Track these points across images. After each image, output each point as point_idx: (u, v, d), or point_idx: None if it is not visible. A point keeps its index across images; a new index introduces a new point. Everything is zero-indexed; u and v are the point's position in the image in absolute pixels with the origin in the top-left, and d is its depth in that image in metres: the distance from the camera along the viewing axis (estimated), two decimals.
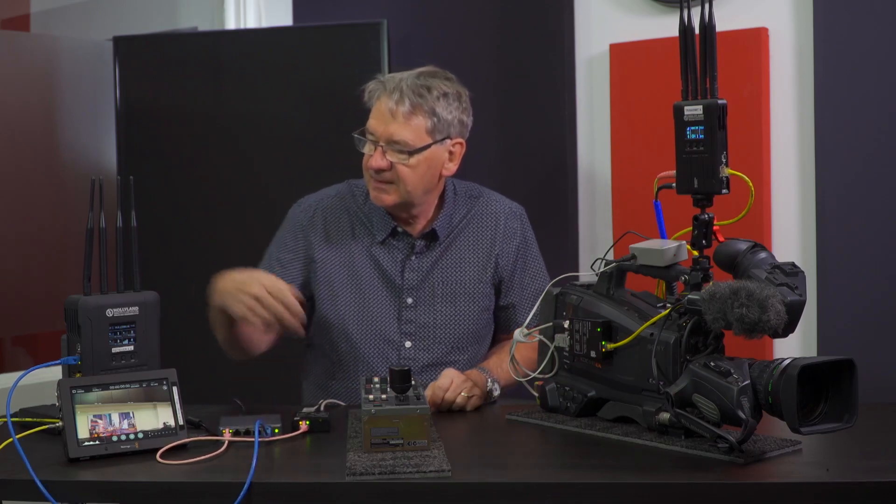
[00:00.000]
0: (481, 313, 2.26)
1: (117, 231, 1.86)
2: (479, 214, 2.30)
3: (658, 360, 1.70)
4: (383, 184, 2.16)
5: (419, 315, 2.21)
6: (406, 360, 2.19)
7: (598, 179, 2.96)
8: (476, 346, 2.27)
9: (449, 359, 2.21)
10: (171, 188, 3.18)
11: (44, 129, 3.65)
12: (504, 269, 2.28)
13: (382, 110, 2.14)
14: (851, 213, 2.59)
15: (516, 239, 2.31)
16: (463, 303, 2.23)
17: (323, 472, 1.60)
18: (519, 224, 2.33)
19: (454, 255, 2.25)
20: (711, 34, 1.68)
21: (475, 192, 2.33)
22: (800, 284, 1.61)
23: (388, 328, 2.20)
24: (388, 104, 2.13)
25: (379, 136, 2.14)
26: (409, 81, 2.16)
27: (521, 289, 2.30)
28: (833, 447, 1.67)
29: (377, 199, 2.18)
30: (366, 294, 2.22)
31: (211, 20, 3.63)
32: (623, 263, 1.85)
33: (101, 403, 1.71)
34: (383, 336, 2.20)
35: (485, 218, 2.29)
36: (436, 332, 2.21)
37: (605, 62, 2.91)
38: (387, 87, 2.16)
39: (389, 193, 2.16)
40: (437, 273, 2.23)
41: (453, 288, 2.23)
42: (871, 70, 2.57)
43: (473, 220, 2.29)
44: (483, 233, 2.28)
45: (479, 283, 2.25)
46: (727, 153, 1.67)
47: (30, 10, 3.98)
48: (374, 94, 2.18)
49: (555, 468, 1.67)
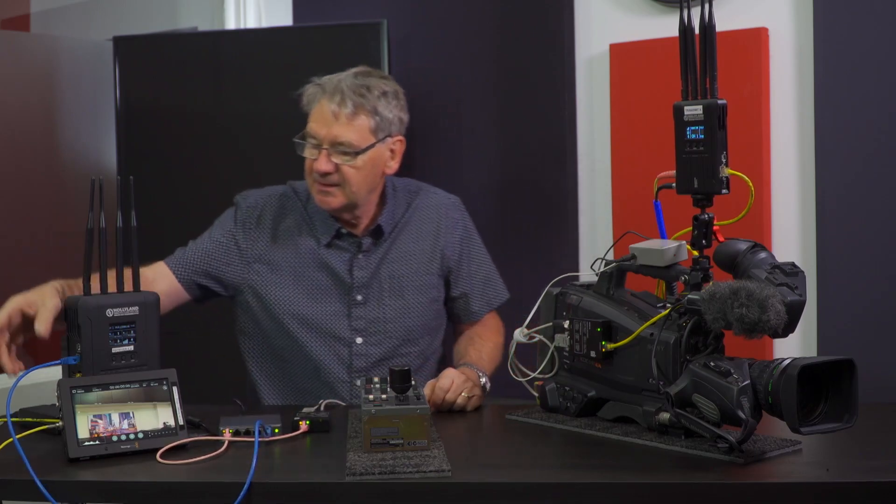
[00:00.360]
0: (430, 304, 2.29)
1: (117, 231, 1.86)
2: (420, 208, 2.33)
3: (658, 360, 1.70)
4: (329, 187, 2.17)
5: (368, 311, 2.23)
6: (358, 356, 2.22)
7: (598, 179, 2.96)
8: (427, 337, 2.30)
9: (401, 352, 2.24)
10: (171, 188, 3.18)
11: (44, 129, 3.66)
12: (451, 260, 2.32)
13: (324, 113, 2.15)
14: (851, 213, 2.59)
15: (459, 229, 2.35)
16: (411, 296, 2.26)
17: (323, 472, 1.60)
18: (459, 215, 2.37)
19: (400, 249, 2.28)
20: (711, 34, 1.68)
21: (413, 188, 2.36)
22: (800, 284, 1.61)
23: (338, 326, 2.22)
24: (329, 107, 2.15)
25: (322, 138, 2.15)
26: (348, 82, 2.17)
27: (470, 277, 2.34)
28: (833, 447, 1.67)
29: (323, 202, 2.19)
30: (315, 295, 2.23)
31: (211, 20, 3.63)
32: (623, 263, 1.85)
33: (101, 403, 1.71)
34: (334, 334, 2.22)
35: (426, 211, 2.33)
36: (386, 326, 2.24)
37: (605, 62, 2.91)
38: (326, 89, 2.16)
39: (335, 196, 2.18)
40: (385, 268, 2.26)
41: (401, 282, 2.26)
42: (871, 70, 2.57)
43: (415, 215, 2.32)
44: (426, 226, 2.31)
45: (426, 275, 2.28)
46: (727, 153, 1.67)
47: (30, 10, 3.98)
48: (314, 98, 2.18)
49: (555, 468, 1.67)
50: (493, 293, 2.38)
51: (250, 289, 2.25)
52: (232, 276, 2.25)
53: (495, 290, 2.39)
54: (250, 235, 2.26)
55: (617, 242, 2.00)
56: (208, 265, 2.23)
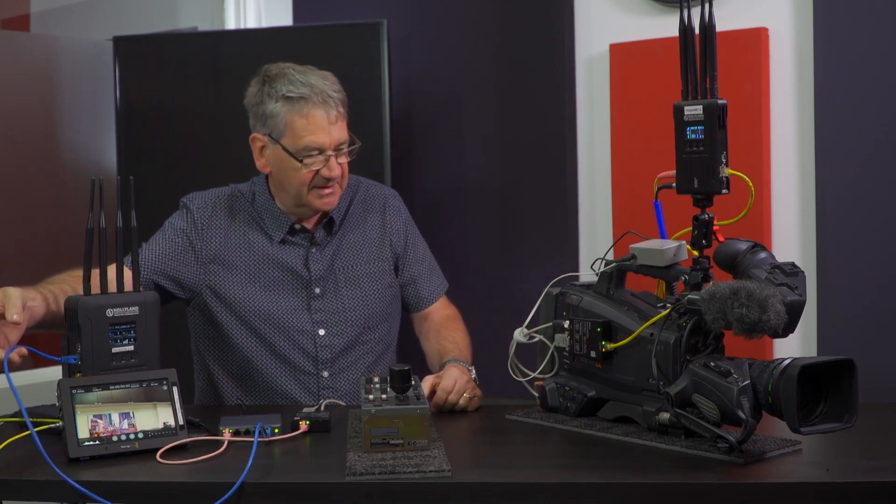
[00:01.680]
0: (385, 291, 2.32)
1: (117, 231, 1.86)
2: (364, 199, 2.37)
3: (658, 360, 1.70)
4: (333, 188, 2.21)
5: (327, 303, 2.25)
6: (322, 347, 2.22)
7: (598, 179, 2.96)
8: (385, 323, 2.32)
9: (362, 339, 2.26)
10: (171, 188, 3.17)
11: (44, 129, 3.66)
12: (398, 246, 2.36)
13: (319, 122, 2.17)
14: (851, 213, 2.59)
15: (402, 217, 2.40)
16: (366, 284, 2.28)
17: (323, 472, 1.60)
18: (400, 203, 2.43)
19: (351, 240, 2.31)
20: (711, 34, 1.68)
21: (353, 181, 2.37)
22: (800, 284, 1.61)
23: (300, 320, 2.22)
24: (325, 114, 2.17)
25: (328, 146, 2.18)
26: (321, 85, 2.18)
27: (417, 262, 2.38)
28: (833, 447, 1.67)
29: (328, 203, 2.22)
30: (273, 292, 2.23)
31: (211, 20, 3.63)
32: (623, 263, 1.85)
33: (101, 403, 1.71)
34: (297, 328, 2.22)
35: (370, 201, 2.37)
36: (346, 315, 2.25)
37: (605, 62, 2.91)
38: (314, 99, 2.16)
39: (336, 194, 2.24)
40: (339, 260, 2.28)
41: (355, 271, 2.28)
42: (871, 70, 2.57)
43: (360, 205, 2.35)
44: (372, 215, 2.35)
45: (379, 262, 2.32)
46: (727, 153, 1.67)
47: (30, 10, 3.98)
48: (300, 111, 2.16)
49: (555, 468, 1.67)
50: (439, 280, 2.43)
51: (209, 289, 2.24)
52: (189, 276, 2.24)
53: (440, 278, 2.44)
54: (203, 236, 2.26)
55: (617, 242, 2.00)
56: (165, 265, 2.21)
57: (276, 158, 2.22)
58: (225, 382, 2.25)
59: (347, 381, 2.24)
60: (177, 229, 2.26)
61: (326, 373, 2.21)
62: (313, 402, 2.12)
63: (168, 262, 2.22)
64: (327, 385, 2.22)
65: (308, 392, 2.20)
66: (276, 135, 2.19)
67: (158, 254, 2.22)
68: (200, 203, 2.30)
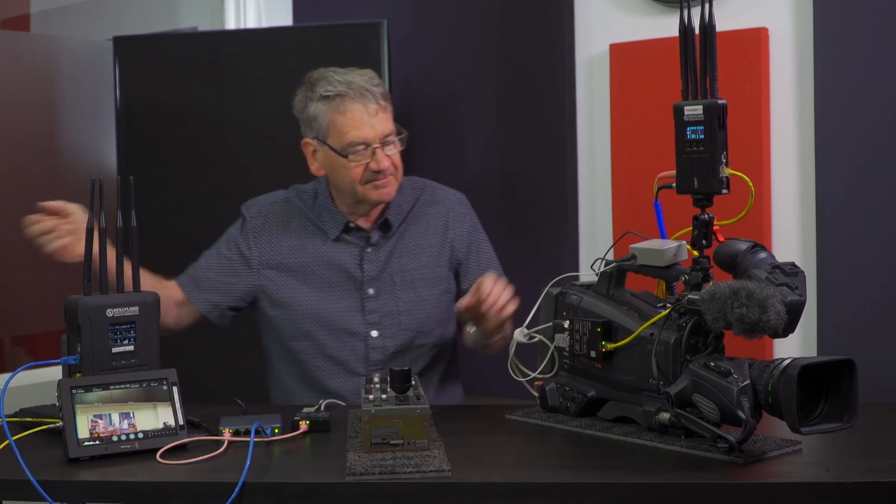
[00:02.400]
0: (442, 296, 2.30)
1: (117, 231, 1.86)
2: (427, 202, 2.35)
3: (658, 360, 1.70)
4: (387, 178, 2.21)
5: (381, 304, 2.24)
6: (374, 349, 2.22)
7: (598, 179, 2.96)
8: (441, 328, 2.30)
9: (416, 343, 2.25)
10: (171, 188, 3.18)
11: (44, 129, 3.65)
12: (460, 252, 2.33)
13: (360, 116, 2.18)
14: (851, 213, 2.59)
15: (466, 223, 2.37)
16: (423, 288, 2.27)
17: (323, 472, 1.60)
18: (466, 209, 2.40)
19: (409, 242, 2.30)
20: (711, 34, 1.68)
21: (419, 184, 2.38)
22: (800, 284, 1.61)
23: (352, 321, 2.23)
24: (364, 108, 2.18)
25: (372, 139, 2.18)
26: (359, 81, 2.21)
27: (479, 270, 2.33)
28: (833, 447, 1.67)
29: (386, 195, 2.22)
30: (325, 293, 2.24)
31: (211, 20, 3.63)
32: (623, 263, 1.85)
33: (101, 403, 1.71)
34: (348, 330, 2.23)
35: (434, 206, 2.35)
36: (399, 318, 2.24)
37: (605, 62, 2.91)
38: (351, 95, 2.18)
39: (391, 185, 2.23)
40: (395, 261, 2.27)
41: (412, 274, 2.27)
42: (871, 70, 2.57)
43: (423, 208, 2.34)
44: (434, 219, 2.33)
45: (437, 268, 2.30)
46: (727, 153, 1.67)
47: (30, 10, 3.98)
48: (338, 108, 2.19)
49: (555, 468, 1.67)
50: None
51: (264, 294, 2.28)
52: (246, 286, 2.28)
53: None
54: (255, 243, 2.29)
55: (617, 242, 2.00)
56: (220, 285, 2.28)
57: (326, 159, 2.24)
58: (291, 384, 2.27)
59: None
60: (230, 241, 2.32)
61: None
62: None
63: (223, 284, 2.28)
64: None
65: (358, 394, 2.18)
66: (322, 136, 2.22)
67: (214, 281, 2.28)
68: (255, 211, 2.33)
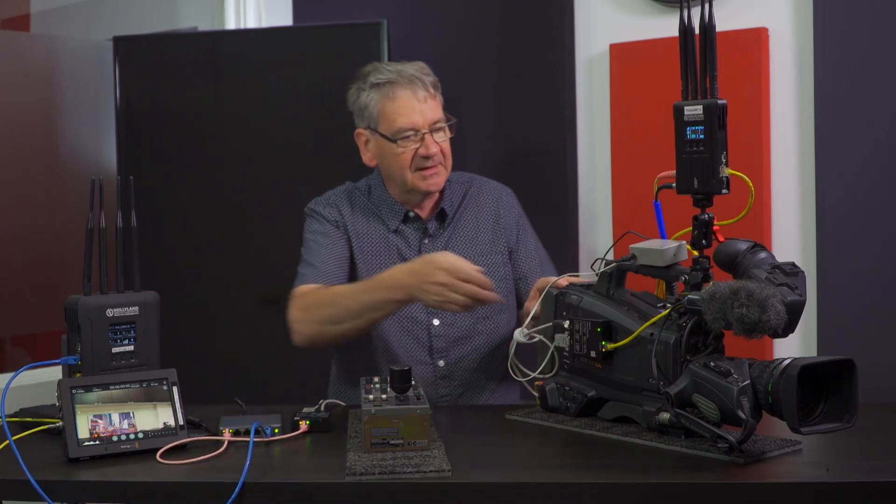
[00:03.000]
0: (501, 282, 2.29)
1: (117, 231, 1.86)
2: (477, 194, 2.38)
3: (658, 360, 1.70)
4: (435, 167, 2.23)
5: None
6: (437, 336, 2.23)
7: (598, 179, 2.96)
8: (501, 315, 2.29)
9: (477, 329, 2.25)
10: (171, 188, 3.18)
11: (44, 129, 3.65)
12: (511, 241, 2.35)
13: (411, 102, 2.21)
14: (851, 213, 2.59)
15: (514, 212, 2.40)
16: None
17: (323, 472, 1.60)
18: (514, 199, 2.43)
19: (464, 232, 2.32)
20: (711, 34, 1.68)
21: (466, 178, 2.41)
22: (800, 284, 1.61)
23: (414, 310, 2.23)
24: (413, 94, 2.22)
25: (421, 125, 2.21)
26: (410, 70, 2.24)
27: (528, 259, 2.37)
28: (833, 447, 1.67)
29: (434, 185, 2.24)
30: None
31: (211, 20, 3.63)
32: (623, 263, 1.85)
33: (101, 403, 1.71)
34: (412, 318, 2.23)
35: (483, 196, 2.38)
36: None
37: (605, 62, 2.91)
38: (401, 82, 2.22)
39: (441, 174, 2.26)
40: (452, 250, 2.26)
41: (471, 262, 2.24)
42: (871, 70, 2.57)
43: (473, 200, 2.36)
44: (485, 209, 2.36)
45: (493, 254, 2.31)
46: (727, 153, 1.67)
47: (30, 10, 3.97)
48: (388, 95, 2.22)
49: (555, 468, 1.67)
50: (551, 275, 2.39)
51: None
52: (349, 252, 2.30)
53: (552, 273, 2.38)
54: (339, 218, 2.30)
55: (617, 242, 2.00)
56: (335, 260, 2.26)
57: (377, 148, 2.26)
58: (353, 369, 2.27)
59: (464, 370, 2.24)
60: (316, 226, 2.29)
61: (442, 362, 2.22)
62: (430, 393, 2.15)
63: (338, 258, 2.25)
64: (444, 374, 2.22)
65: (425, 382, 2.19)
66: (373, 124, 2.25)
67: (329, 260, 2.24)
68: (324, 203, 2.33)
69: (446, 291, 1.96)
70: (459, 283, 1.96)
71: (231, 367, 3.11)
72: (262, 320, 3.09)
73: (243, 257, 3.14)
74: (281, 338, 2.30)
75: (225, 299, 3.16)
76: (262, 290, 3.11)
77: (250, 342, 3.13)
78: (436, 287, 1.97)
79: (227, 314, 3.16)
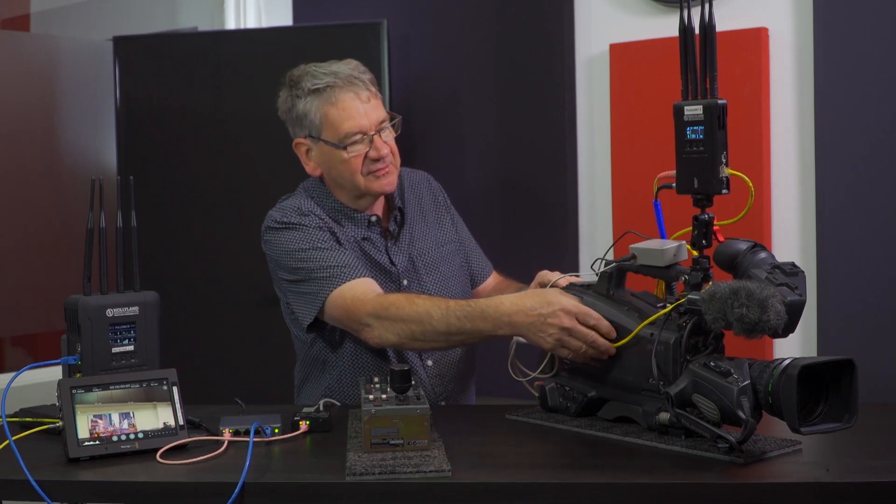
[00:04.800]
0: (461, 270, 2.31)
1: (117, 231, 1.86)
2: (411, 185, 2.34)
3: (658, 360, 1.70)
4: (385, 168, 2.17)
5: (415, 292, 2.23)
6: None
7: (598, 179, 2.96)
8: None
9: None
10: (171, 188, 3.19)
11: (44, 129, 3.66)
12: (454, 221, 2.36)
13: (353, 105, 2.13)
14: (851, 213, 2.59)
15: (441, 193, 2.39)
16: (444, 267, 2.27)
17: (323, 472, 1.60)
18: (437, 185, 2.41)
19: (418, 227, 2.29)
20: (711, 34, 1.68)
21: None
22: (800, 284, 1.61)
23: None
24: (356, 96, 2.14)
25: (368, 127, 2.14)
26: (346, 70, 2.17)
27: (468, 238, 2.38)
28: (833, 447, 1.67)
29: (388, 185, 2.18)
30: None
31: (211, 20, 3.64)
32: (623, 263, 1.84)
33: (101, 403, 1.71)
34: None
35: (417, 186, 2.35)
36: None
37: (605, 62, 2.91)
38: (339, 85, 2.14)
39: (393, 174, 2.19)
40: (415, 249, 2.26)
41: (431, 256, 2.27)
42: (871, 70, 2.57)
43: (411, 192, 2.32)
44: (424, 199, 2.34)
45: (447, 243, 2.31)
46: (727, 153, 1.67)
47: (30, 10, 3.98)
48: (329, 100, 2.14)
49: (555, 468, 1.67)
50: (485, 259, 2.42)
51: None
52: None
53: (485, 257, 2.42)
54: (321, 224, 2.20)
55: (617, 242, 2.00)
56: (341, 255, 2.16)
57: (322, 156, 2.19)
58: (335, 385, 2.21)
59: (450, 364, 2.22)
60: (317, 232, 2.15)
61: (430, 361, 2.20)
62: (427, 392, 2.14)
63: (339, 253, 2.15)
64: (435, 374, 2.21)
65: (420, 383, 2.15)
66: (315, 132, 2.17)
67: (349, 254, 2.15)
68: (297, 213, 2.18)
69: (566, 336, 1.84)
70: (583, 329, 1.82)
71: (231, 367, 3.11)
72: (262, 320, 3.09)
73: (243, 257, 3.14)
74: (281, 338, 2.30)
75: (225, 299, 3.16)
76: (263, 290, 3.10)
77: (250, 342, 3.13)
78: (556, 331, 1.83)
79: (227, 314, 3.17)
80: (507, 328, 1.89)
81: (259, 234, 2.27)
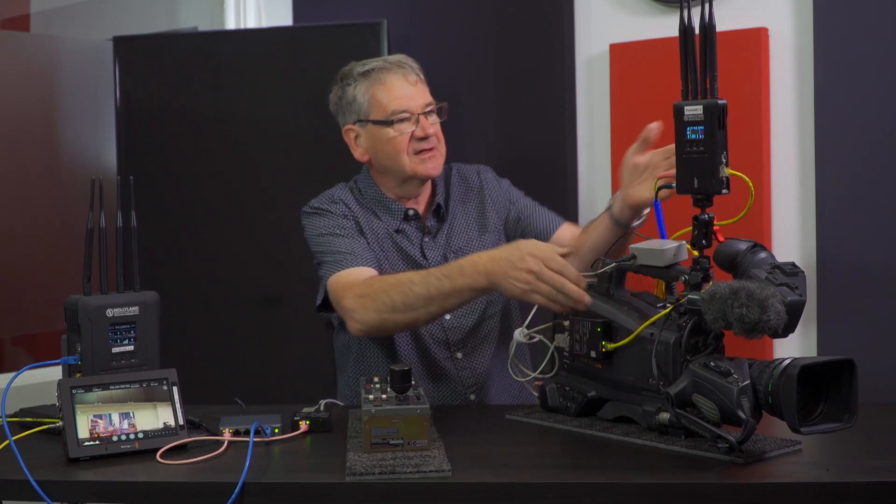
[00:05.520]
0: None
1: (117, 231, 1.86)
2: (459, 180, 2.35)
3: (658, 360, 1.70)
4: (432, 150, 2.20)
5: None
6: (451, 329, 2.21)
7: (598, 179, 2.96)
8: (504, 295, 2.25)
9: (487, 314, 2.25)
10: (171, 188, 3.18)
11: (44, 129, 3.66)
12: (503, 210, 2.34)
13: (402, 86, 2.19)
14: (851, 213, 2.59)
15: (498, 182, 2.39)
16: None
17: (323, 472, 1.60)
18: (492, 173, 2.40)
19: (457, 222, 2.29)
20: (711, 34, 1.68)
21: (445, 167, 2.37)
22: (800, 284, 1.61)
23: None
24: (403, 77, 2.20)
25: (414, 108, 2.19)
26: (396, 57, 2.23)
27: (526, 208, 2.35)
28: (833, 447, 1.67)
29: (434, 169, 2.21)
30: None
31: (211, 20, 3.63)
32: (623, 263, 1.85)
33: (101, 403, 1.72)
34: None
35: (467, 181, 2.36)
36: None
37: (605, 62, 2.91)
38: (388, 68, 2.19)
39: (438, 159, 2.22)
40: (452, 244, 2.26)
41: (467, 251, 2.22)
42: (871, 70, 2.57)
43: (457, 187, 2.34)
44: (471, 193, 2.34)
45: (487, 234, 2.30)
46: (727, 153, 1.67)
47: (30, 10, 3.98)
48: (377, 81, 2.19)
49: (555, 468, 1.67)
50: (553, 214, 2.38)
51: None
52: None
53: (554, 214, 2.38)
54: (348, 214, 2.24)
55: (617, 242, 2.00)
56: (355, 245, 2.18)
57: (370, 139, 2.22)
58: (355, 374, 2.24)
59: (482, 357, 2.23)
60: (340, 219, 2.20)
61: (460, 354, 2.21)
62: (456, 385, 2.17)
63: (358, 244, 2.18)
64: (464, 366, 2.21)
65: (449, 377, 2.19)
66: (363, 115, 2.21)
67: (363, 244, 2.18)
68: (328, 201, 2.25)
69: (534, 280, 1.84)
70: (549, 272, 1.83)
71: (231, 367, 3.11)
72: (262, 320, 3.10)
73: (243, 257, 3.15)
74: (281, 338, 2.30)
75: (225, 299, 3.16)
76: (263, 290, 3.11)
77: (250, 342, 3.13)
78: (524, 274, 1.84)
79: (227, 314, 3.16)
80: (483, 278, 1.90)
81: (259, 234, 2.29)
